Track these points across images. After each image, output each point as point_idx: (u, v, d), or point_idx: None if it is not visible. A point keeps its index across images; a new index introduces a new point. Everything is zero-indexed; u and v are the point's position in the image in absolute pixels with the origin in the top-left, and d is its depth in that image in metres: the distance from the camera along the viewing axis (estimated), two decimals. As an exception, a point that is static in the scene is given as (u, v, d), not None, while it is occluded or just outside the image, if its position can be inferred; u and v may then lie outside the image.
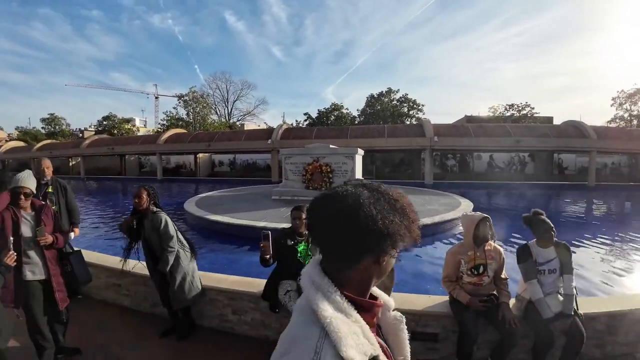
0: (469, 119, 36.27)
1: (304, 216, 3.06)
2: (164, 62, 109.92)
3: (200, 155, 31.02)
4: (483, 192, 17.87)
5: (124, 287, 4.07)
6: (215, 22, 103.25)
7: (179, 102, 41.59)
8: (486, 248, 2.91)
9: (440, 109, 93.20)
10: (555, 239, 2.91)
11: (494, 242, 3.01)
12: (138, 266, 3.68)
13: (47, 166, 4.13)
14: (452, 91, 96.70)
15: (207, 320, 3.59)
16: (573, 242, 7.10)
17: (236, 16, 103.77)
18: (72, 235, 4.21)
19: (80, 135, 45.11)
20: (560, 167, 26.02)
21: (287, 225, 6.62)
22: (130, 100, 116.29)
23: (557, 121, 31.62)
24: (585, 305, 2.95)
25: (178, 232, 3.25)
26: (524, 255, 2.94)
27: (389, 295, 2.32)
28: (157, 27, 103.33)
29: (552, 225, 2.88)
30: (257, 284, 3.53)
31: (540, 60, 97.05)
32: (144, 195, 3.07)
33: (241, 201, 10.73)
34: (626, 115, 34.03)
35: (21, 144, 40.04)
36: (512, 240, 7.11)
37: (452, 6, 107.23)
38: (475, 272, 2.88)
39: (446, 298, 3.08)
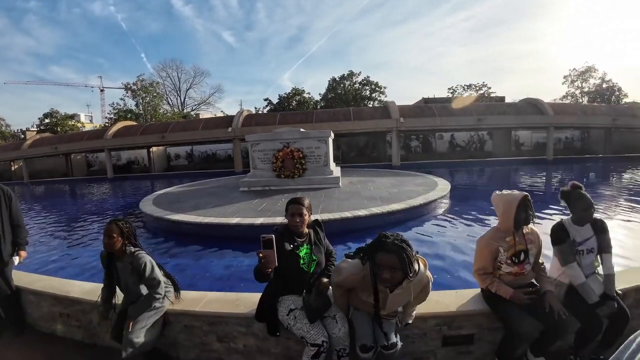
0: (426, 101, 36.95)
1: (305, 212, 2.35)
2: (108, 52, 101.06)
3: (153, 149, 29.07)
4: (448, 171, 18.17)
5: (73, 316, 3.14)
6: (160, 7, 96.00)
7: (127, 93, 38.31)
8: (524, 231, 2.50)
9: (395, 93, 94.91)
10: None
11: (533, 223, 2.59)
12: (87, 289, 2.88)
13: None
14: (404, 76, 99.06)
15: (183, 351, 2.79)
16: (555, 215, 7.03)
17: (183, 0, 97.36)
18: (16, 260, 3.31)
19: (22, 136, 40.31)
20: (517, 144, 27.26)
21: (269, 220, 6.21)
22: (74, 96, 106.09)
23: (508, 101, 33.08)
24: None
25: (160, 269, 2.64)
26: (561, 235, 2.57)
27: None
28: (98, 14, 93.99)
29: (592, 200, 2.53)
30: (245, 301, 2.78)
31: (488, 44, 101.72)
32: (116, 234, 2.44)
33: (205, 196, 9.96)
34: (578, 92, 36.33)
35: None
36: (491, 219, 6.94)
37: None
38: (516, 261, 2.47)
39: (476, 291, 2.77)
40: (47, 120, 40.26)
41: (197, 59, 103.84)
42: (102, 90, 67.93)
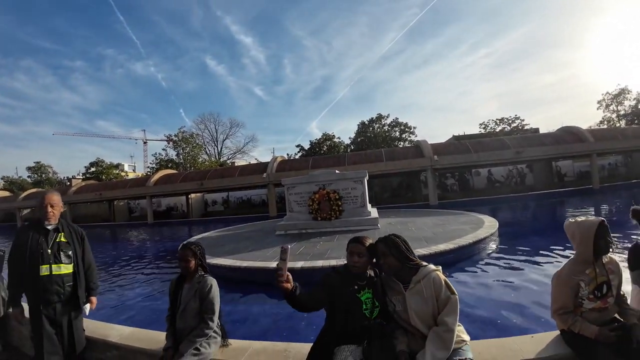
0: (456, 139, 36.56)
1: (366, 252, 2.18)
2: (149, 107, 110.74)
3: (192, 195, 30.23)
4: (489, 209, 17.26)
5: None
6: (196, 67, 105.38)
7: (169, 144, 41.09)
8: (604, 261, 2.30)
9: (425, 133, 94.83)
10: None
11: (613, 251, 2.36)
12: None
13: (54, 202, 2.84)
14: (432, 115, 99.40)
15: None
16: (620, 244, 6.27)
17: (216, 60, 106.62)
18: (86, 309, 2.98)
19: (68, 183, 43.86)
20: (559, 175, 25.77)
21: (309, 264, 6.03)
22: (118, 147, 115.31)
23: (543, 132, 31.88)
24: None
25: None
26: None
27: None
28: (139, 74, 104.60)
29: None
30: (295, 352, 2.54)
31: (512, 77, 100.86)
32: (190, 257, 2.67)
33: (242, 240, 10.05)
34: (614, 116, 34.64)
35: (6, 193, 38.50)
36: (558, 253, 6.32)
37: (420, 37, 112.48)
38: (599, 294, 2.27)
39: (553, 333, 2.50)
40: (92, 169, 43.68)
41: (232, 112, 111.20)
42: (145, 143, 73.47)
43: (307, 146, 39.73)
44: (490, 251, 7.28)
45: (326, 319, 2.23)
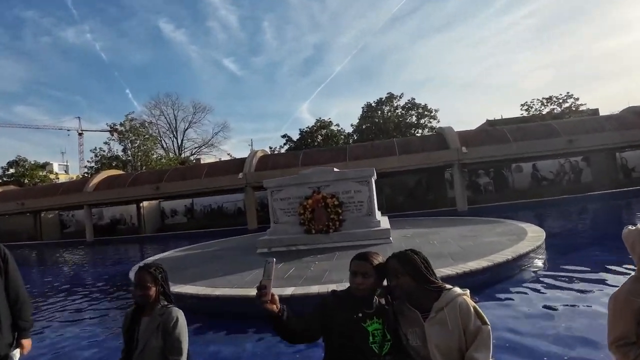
0: (491, 124, 36.89)
1: (372, 271, 2.26)
2: (85, 87, 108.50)
3: (144, 203, 30.20)
4: (534, 214, 17.49)
5: None
6: (146, 33, 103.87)
7: (112, 136, 40.92)
8: None
9: (448, 117, 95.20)
10: None
11: None
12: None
13: None
14: (456, 95, 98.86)
15: None
16: None
17: (173, 24, 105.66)
18: (16, 356, 2.93)
19: None
20: (625, 169, 26.14)
21: (302, 290, 6.09)
22: (45, 141, 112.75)
23: (603, 113, 32.29)
24: None
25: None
26: None
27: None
28: (71, 43, 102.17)
29: None
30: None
31: (563, 43, 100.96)
32: (150, 283, 2.66)
33: (213, 261, 10.15)
34: None
35: None
36: (627, 270, 6.44)
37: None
38: None
39: None
40: (11, 170, 43.28)
41: (195, 92, 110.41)
42: (80, 134, 73.27)
43: (295, 136, 39.79)
44: (536, 270, 7.39)
45: (325, 355, 2.30)
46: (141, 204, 29.94)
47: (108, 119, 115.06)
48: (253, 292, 6.14)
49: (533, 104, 35.91)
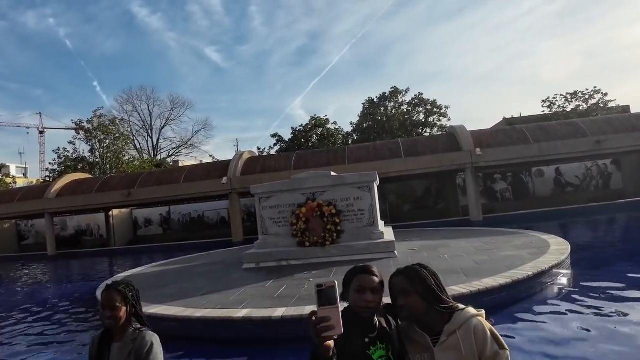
0: (508, 123, 37.06)
1: (380, 287, 2.26)
2: (47, 79, 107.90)
3: (114, 212, 30.13)
4: (558, 225, 17.59)
5: None
6: (118, 18, 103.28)
7: (78, 134, 40.76)
8: None
9: (460, 115, 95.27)
10: None
11: None
12: None
13: None
14: (469, 89, 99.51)
15: None
16: None
17: (148, 7, 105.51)
18: None
19: None
20: (661, 175, 26.29)
21: (295, 311, 6.01)
22: (0, 140, 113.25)
23: (634, 111, 32.50)
24: None
25: None
26: None
27: None
28: (31, 29, 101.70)
29: None
30: None
31: (589, 31, 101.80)
32: (119, 303, 2.66)
33: (193, 278, 10.20)
34: None
35: None
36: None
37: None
38: None
39: None
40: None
41: (173, 86, 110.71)
42: (41, 132, 72.85)
43: (287, 136, 39.76)
44: (560, 288, 7.45)
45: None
46: (111, 213, 29.80)
47: (73, 116, 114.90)
48: (239, 313, 6.17)
49: (556, 100, 36.12)
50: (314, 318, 1.85)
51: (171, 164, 46.88)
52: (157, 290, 8.70)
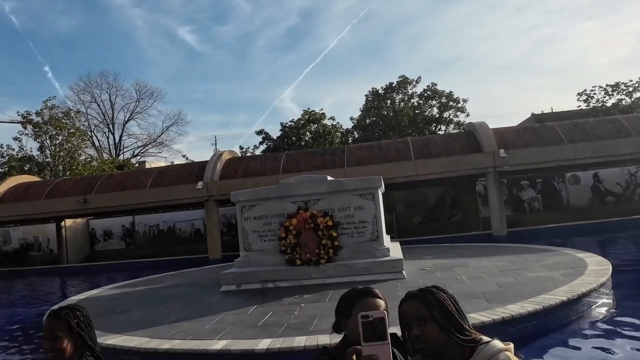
0: (537, 119, 37.20)
1: (386, 312, 2.23)
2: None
3: (67, 222, 29.90)
4: (596, 241, 17.65)
5: None
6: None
7: (25, 129, 40.55)
8: None
9: (480, 109, 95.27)
10: None
11: None
12: None
13: None
14: (492, 80, 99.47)
15: None
16: None
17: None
18: None
19: None
20: None
21: (283, 343, 6.06)
22: None
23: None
24: None
25: None
26: None
27: None
28: None
29: None
30: None
31: (632, 9, 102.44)
32: (62, 334, 2.56)
33: (161, 302, 10.16)
34: None
35: None
36: None
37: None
38: None
39: None
40: None
41: (140, 72, 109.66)
42: (-17, 128, 72.54)
43: (276, 133, 39.82)
44: (600, 316, 7.45)
45: None
46: (63, 223, 29.53)
47: (19, 107, 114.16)
48: (216, 345, 6.10)
49: (594, 93, 36.31)
50: (354, 357, 1.78)
51: (136, 165, 46.61)
52: (116, 317, 8.65)
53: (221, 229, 24.24)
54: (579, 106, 36.64)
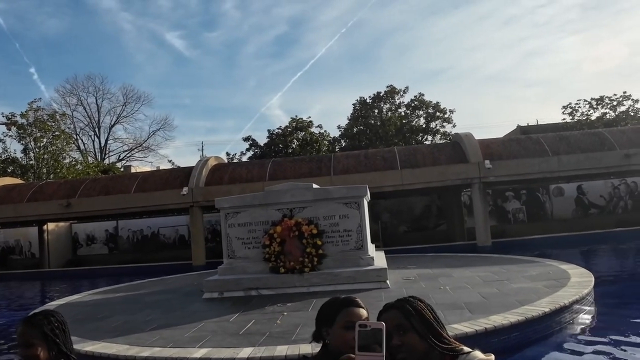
0: (523, 132, 37.62)
1: (368, 320, 2.22)
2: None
3: (50, 225, 29.64)
4: (579, 252, 17.79)
5: None
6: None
7: (9, 130, 40.14)
8: None
9: (467, 121, 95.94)
10: None
11: None
12: None
13: None
14: (478, 91, 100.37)
15: None
16: None
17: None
18: None
19: None
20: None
21: (265, 352, 6.00)
22: None
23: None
24: None
25: None
26: None
27: None
28: None
29: None
30: None
31: (617, 25, 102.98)
32: (36, 340, 2.51)
33: (143, 308, 10.08)
34: None
35: None
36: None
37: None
38: None
39: None
40: None
41: (128, 76, 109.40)
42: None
43: (263, 140, 39.80)
44: (582, 327, 7.48)
45: None
46: (45, 227, 29.30)
47: (4, 108, 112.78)
48: (195, 353, 6.04)
49: (579, 107, 36.73)
50: None
51: (121, 169, 46.36)
52: (95, 323, 8.56)
53: (206, 236, 24.17)
54: (564, 119, 37.18)
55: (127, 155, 53.40)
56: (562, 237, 22.02)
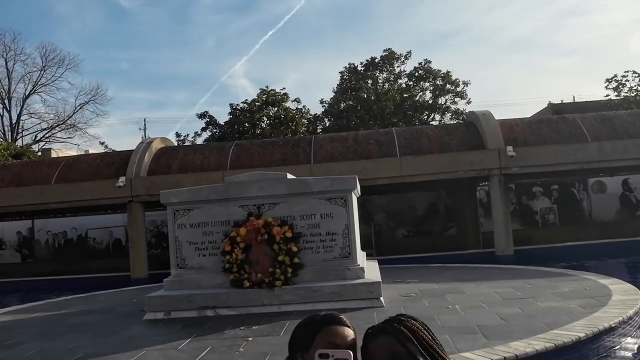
0: (555, 111, 37.75)
1: (355, 343, 2.24)
2: None
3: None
4: (624, 263, 17.95)
5: None
6: None
7: None
8: None
9: (485, 97, 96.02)
10: None
11: None
12: None
13: None
14: (500, 59, 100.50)
15: None
16: None
17: None
18: None
19: None
20: None
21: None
22: None
23: None
24: None
25: None
26: None
27: None
28: None
29: None
30: None
31: None
32: None
33: (64, 333, 10.00)
34: None
35: None
36: None
37: None
38: None
39: None
40: None
41: (47, 32, 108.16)
42: None
43: (223, 118, 39.68)
44: (626, 356, 7.56)
45: None
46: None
47: None
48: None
49: (627, 80, 36.98)
50: None
51: (39, 153, 45.85)
52: (3, 352, 8.50)
53: (148, 240, 24.07)
54: (608, 95, 37.32)
55: (47, 135, 52.86)
56: (602, 245, 22.22)
